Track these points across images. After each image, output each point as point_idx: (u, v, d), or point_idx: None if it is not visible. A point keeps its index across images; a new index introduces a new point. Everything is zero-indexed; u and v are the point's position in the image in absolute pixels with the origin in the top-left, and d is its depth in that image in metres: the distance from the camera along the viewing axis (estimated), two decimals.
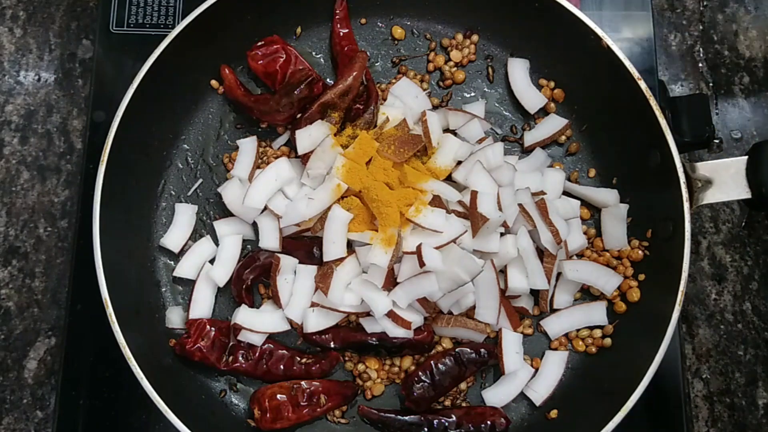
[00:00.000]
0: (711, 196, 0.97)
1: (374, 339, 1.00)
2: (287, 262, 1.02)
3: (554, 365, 1.03)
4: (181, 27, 1.01)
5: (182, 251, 1.06)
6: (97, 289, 0.94)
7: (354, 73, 1.04)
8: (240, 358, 1.00)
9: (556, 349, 1.04)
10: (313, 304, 1.00)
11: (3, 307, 1.12)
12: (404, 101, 1.09)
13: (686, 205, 0.96)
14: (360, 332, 1.01)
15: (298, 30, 1.13)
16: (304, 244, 1.04)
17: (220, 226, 1.06)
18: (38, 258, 1.14)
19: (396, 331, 0.99)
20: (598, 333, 1.04)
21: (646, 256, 1.04)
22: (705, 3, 1.28)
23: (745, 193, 0.96)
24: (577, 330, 1.04)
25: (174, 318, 1.03)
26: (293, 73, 1.06)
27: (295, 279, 1.02)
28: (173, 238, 1.06)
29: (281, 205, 1.03)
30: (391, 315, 0.98)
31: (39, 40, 1.23)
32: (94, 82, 1.13)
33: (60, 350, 1.07)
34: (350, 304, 0.99)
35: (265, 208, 1.03)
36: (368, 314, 1.00)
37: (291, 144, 1.07)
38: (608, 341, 1.03)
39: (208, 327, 1.00)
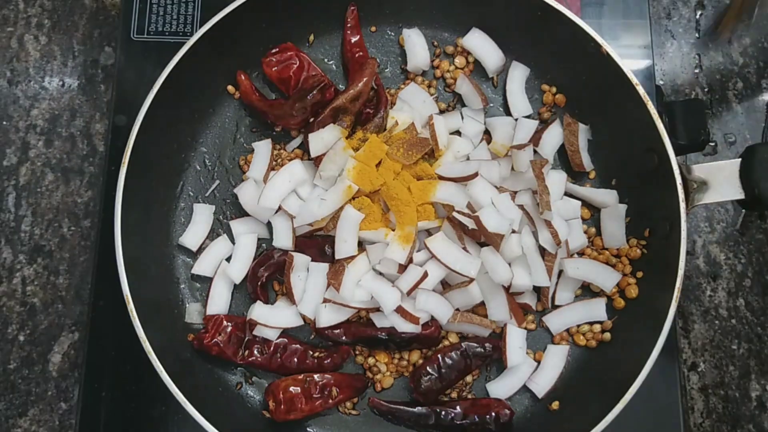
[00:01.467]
0: (706, 197, 0.98)
1: (384, 334, 1.01)
2: (300, 260, 1.03)
3: (556, 359, 1.04)
4: (199, 35, 1.02)
5: (200, 249, 1.07)
6: (119, 286, 0.95)
7: (364, 79, 1.06)
8: (255, 352, 1.02)
9: (558, 344, 1.05)
10: (325, 300, 1.01)
11: (28, 303, 1.13)
12: (412, 106, 1.10)
13: (682, 206, 0.96)
14: (370, 327, 1.02)
15: (311, 37, 1.14)
16: (316, 242, 1.05)
17: (236, 225, 1.08)
18: (62, 256, 1.15)
19: (404, 326, 1.00)
20: (597, 328, 1.05)
21: (644, 254, 1.05)
22: (701, 12, 1.29)
23: (738, 194, 0.97)
24: (578, 325, 1.05)
25: (192, 314, 1.05)
26: (306, 78, 1.08)
27: (308, 276, 1.03)
28: (191, 237, 1.07)
29: (295, 205, 1.05)
30: (399, 311, 1.00)
31: (63, 47, 1.24)
32: (115, 87, 1.14)
33: (83, 344, 1.08)
34: (361, 300, 1.01)
35: (279, 208, 1.04)
36: (378, 309, 1.01)
37: (304, 147, 1.09)
38: (608, 336, 1.04)
39: (225, 322, 1.02)
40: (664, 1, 1.29)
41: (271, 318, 1.02)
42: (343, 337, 1.03)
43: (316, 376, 1.01)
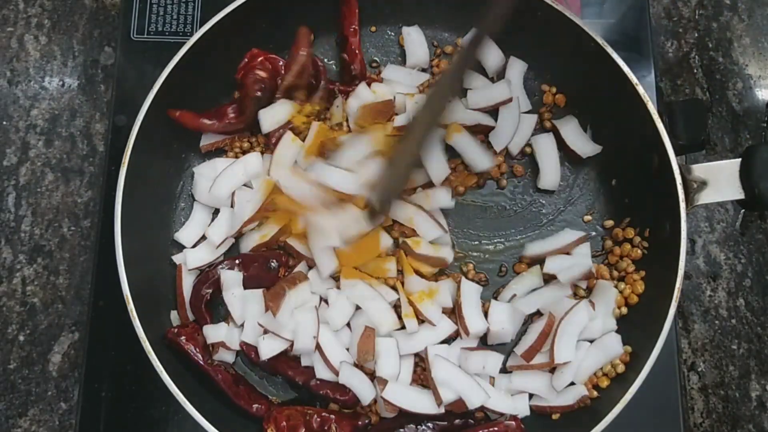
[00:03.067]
0: (706, 197, 0.98)
1: (300, 379, 0.98)
2: (229, 276, 1.01)
3: (569, 398, 1.00)
4: (199, 35, 1.02)
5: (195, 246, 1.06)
6: (119, 286, 0.94)
7: (302, 50, 1.05)
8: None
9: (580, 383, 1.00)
10: (264, 331, 0.98)
11: (28, 303, 1.14)
12: (397, 81, 1.11)
13: (682, 206, 0.96)
14: (290, 367, 0.99)
15: (311, 37, 1.12)
16: (260, 256, 1.03)
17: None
18: (62, 256, 1.15)
19: (323, 372, 0.98)
20: (617, 360, 1.00)
21: (644, 254, 1.05)
22: (700, 12, 1.29)
23: (738, 194, 0.97)
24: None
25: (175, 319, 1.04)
26: (247, 87, 1.06)
27: (246, 304, 1.00)
28: (187, 233, 1.07)
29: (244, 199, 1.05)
30: (321, 355, 0.97)
31: (63, 47, 1.24)
32: (115, 87, 1.14)
33: (83, 344, 1.08)
34: (293, 330, 0.98)
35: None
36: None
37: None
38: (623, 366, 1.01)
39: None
40: (664, 1, 1.30)
41: (232, 339, 1.00)
42: (267, 368, 1.00)
43: (317, 414, 0.97)
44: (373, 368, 0.98)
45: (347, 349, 1.00)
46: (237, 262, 1.03)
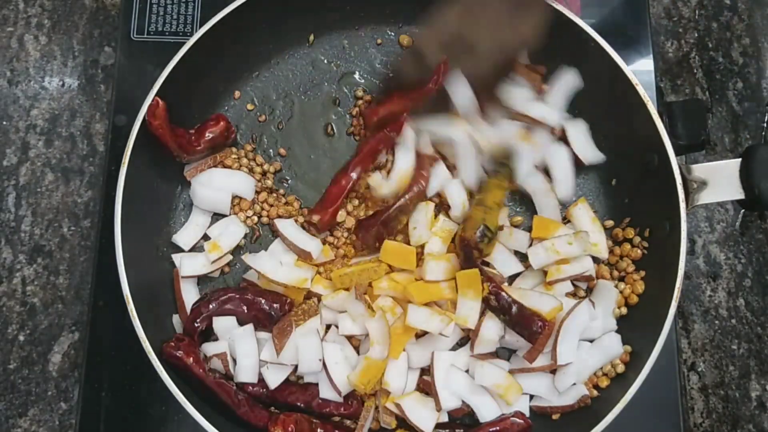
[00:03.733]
0: (706, 197, 0.98)
1: (302, 402, 0.98)
2: (222, 324, 0.99)
3: (569, 398, 1.00)
4: (199, 35, 1.02)
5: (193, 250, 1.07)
6: (119, 286, 0.95)
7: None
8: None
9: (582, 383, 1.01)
10: (263, 362, 0.98)
11: (29, 303, 1.14)
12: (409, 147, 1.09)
13: (682, 206, 0.97)
14: (290, 393, 0.98)
15: (311, 37, 1.14)
16: (260, 300, 1.00)
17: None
18: (62, 256, 1.15)
19: (327, 392, 0.97)
20: (617, 360, 1.01)
21: (644, 254, 1.05)
22: (700, 12, 1.29)
23: (738, 194, 0.97)
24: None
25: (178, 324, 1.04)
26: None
27: (236, 344, 0.98)
28: (185, 236, 1.07)
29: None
30: (327, 376, 0.96)
31: (63, 47, 1.24)
32: (115, 87, 1.14)
33: (83, 344, 1.08)
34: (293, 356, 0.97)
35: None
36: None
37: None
38: (623, 365, 1.02)
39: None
40: (664, 1, 1.30)
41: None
42: (265, 399, 0.99)
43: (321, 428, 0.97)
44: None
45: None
46: (235, 297, 1.00)
